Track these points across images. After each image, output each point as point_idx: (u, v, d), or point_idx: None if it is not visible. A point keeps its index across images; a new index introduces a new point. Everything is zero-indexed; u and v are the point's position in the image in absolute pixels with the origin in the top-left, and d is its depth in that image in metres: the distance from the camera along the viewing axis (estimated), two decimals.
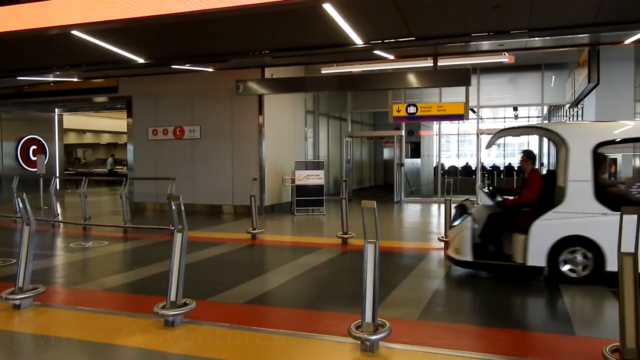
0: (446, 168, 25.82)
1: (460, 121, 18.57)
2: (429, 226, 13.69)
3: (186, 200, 15.46)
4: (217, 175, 15.62)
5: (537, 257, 6.88)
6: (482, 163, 20.74)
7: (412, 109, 16.28)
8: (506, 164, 27.51)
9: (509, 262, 7.22)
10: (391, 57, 9.29)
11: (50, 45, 8.41)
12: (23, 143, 20.56)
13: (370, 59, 9.95)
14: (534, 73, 17.19)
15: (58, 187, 20.26)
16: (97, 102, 18.66)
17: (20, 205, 6.04)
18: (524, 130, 8.02)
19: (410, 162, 21.35)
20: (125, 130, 18.57)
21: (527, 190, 7.48)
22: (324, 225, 13.49)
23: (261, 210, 15.21)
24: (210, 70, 11.49)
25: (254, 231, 10.96)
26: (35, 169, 19.76)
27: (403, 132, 18.87)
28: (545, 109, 19.41)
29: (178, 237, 5.44)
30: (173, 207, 5.44)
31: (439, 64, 10.12)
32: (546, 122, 19.76)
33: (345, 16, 6.92)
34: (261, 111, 15.26)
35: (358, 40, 7.72)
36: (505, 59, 12.70)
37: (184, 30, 7.67)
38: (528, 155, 7.79)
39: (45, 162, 20.94)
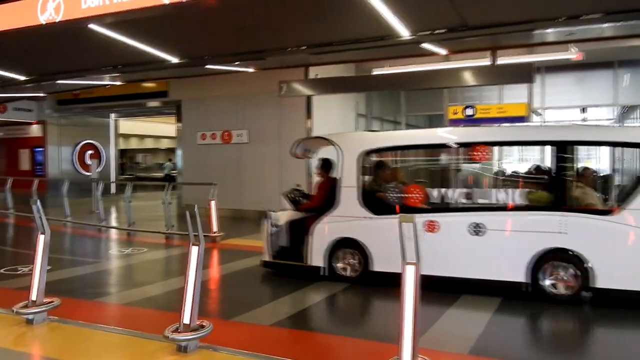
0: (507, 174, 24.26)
1: (524, 123, 17.24)
2: None
3: (234, 206, 15.04)
4: (264, 181, 15.06)
5: (317, 257, 7.38)
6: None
7: (469, 111, 15.17)
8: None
9: (299, 263, 7.61)
10: (443, 52, 8.37)
11: (83, 47, 8.13)
12: (80, 148, 20.87)
13: (420, 55, 9.07)
14: (606, 71, 15.64)
15: (113, 192, 20.49)
16: (149, 107, 18.60)
17: (36, 213, 5.59)
18: (315, 139, 8.47)
19: None
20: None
21: (313, 196, 8.11)
22: None
23: None
24: (251, 70, 10.93)
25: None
26: (91, 173, 20.07)
27: None
28: (618, 109, 17.72)
29: (193, 251, 4.81)
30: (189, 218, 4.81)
31: (498, 61, 9.11)
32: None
33: (388, 4, 6.12)
34: (309, 114, 14.62)
35: (404, 32, 6.87)
36: (573, 55, 11.42)
37: (217, 25, 7.13)
38: (323, 164, 8.25)
39: (101, 167, 21.26)
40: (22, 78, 10.21)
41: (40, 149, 20.34)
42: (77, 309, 6.33)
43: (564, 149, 6.33)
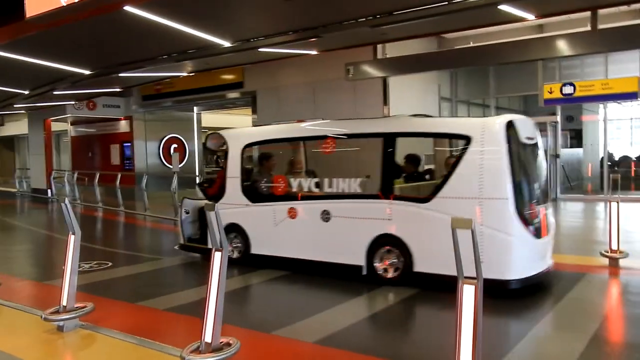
0: (616, 159, 21.69)
1: (634, 101, 15.06)
2: (590, 233, 10.91)
3: None
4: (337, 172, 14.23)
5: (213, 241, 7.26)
6: None
7: (568, 89, 13.44)
8: None
9: (204, 246, 8.25)
10: (531, 16, 7.02)
11: (134, 36, 7.76)
12: (165, 142, 21.19)
13: (505, 22, 7.76)
14: None
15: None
16: (225, 98, 18.36)
17: (66, 212, 5.16)
18: (214, 134, 8.65)
19: (569, 153, 18.07)
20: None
21: (212, 185, 8.61)
22: None
23: None
24: (314, 53, 10.08)
25: None
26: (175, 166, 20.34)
27: (558, 118, 15.83)
28: None
29: (217, 258, 4.10)
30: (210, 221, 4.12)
31: (599, 25, 7.60)
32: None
33: None
34: (386, 100, 13.58)
35: None
36: None
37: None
38: (223, 155, 8.42)
39: (185, 161, 21.51)
40: (87, 72, 10.19)
41: (128, 144, 20.90)
42: (110, 314, 5.89)
43: (390, 140, 6.71)
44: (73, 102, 18.33)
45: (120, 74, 10.59)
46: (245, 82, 16.77)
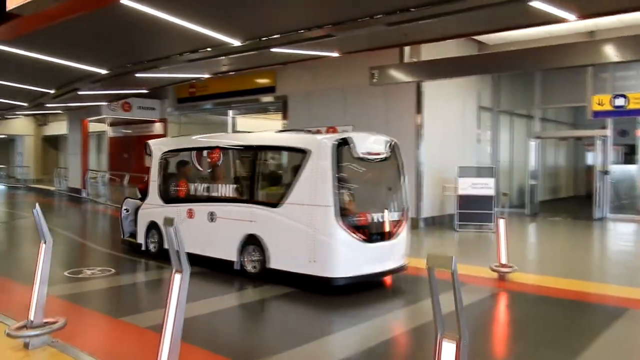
0: None
1: None
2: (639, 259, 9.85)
3: None
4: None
5: (140, 236, 9.22)
6: None
7: (619, 101, 12.39)
8: None
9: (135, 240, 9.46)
10: (572, 16, 6.19)
11: (143, 35, 7.42)
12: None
13: (544, 23, 6.96)
14: None
15: None
16: (257, 103, 17.96)
17: (37, 218, 4.77)
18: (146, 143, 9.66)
19: (620, 170, 16.76)
20: None
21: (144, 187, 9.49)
22: (485, 249, 10.55)
23: (416, 224, 12.83)
24: (336, 55, 9.49)
25: None
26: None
27: (608, 132, 14.67)
28: None
29: (176, 280, 3.58)
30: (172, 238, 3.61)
31: None
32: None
33: None
34: (419, 109, 12.85)
35: None
36: None
37: None
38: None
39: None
40: (104, 72, 9.99)
41: None
42: (85, 330, 5.45)
43: (256, 152, 7.59)
44: (106, 103, 18.38)
45: (137, 74, 10.35)
46: (277, 86, 16.38)
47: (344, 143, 6.62)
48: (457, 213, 12.60)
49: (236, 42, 7.63)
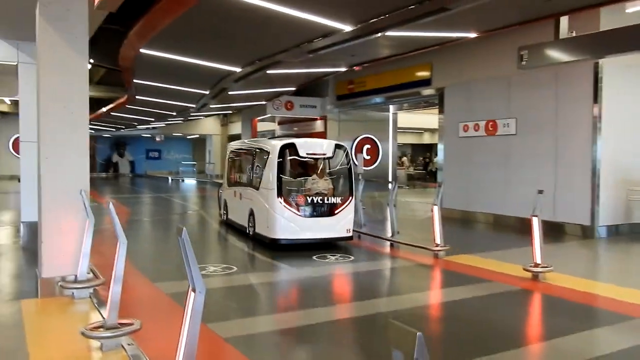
0: None
1: None
2: None
3: (495, 211, 12.37)
4: (534, 181, 11.75)
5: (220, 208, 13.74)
6: None
7: None
8: None
9: None
10: None
11: (260, 30, 7.11)
12: (358, 142, 20.68)
13: None
14: None
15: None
16: (416, 96, 16.89)
17: (113, 217, 4.65)
18: None
19: None
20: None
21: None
22: None
23: (591, 233, 10.78)
24: (472, 35, 8.15)
25: (534, 268, 7.24)
26: (367, 168, 19.69)
27: None
28: None
29: (190, 300, 3.02)
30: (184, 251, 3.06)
31: None
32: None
33: None
34: (596, 97, 10.73)
35: None
36: None
37: None
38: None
39: (377, 162, 20.74)
40: (238, 70, 10.02)
41: None
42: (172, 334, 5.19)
43: (255, 152, 10.75)
44: (265, 102, 18.98)
45: (268, 71, 10.23)
46: (434, 77, 15.23)
47: (287, 147, 9.50)
48: None
49: (347, 28, 6.92)
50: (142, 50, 8.53)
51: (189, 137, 42.66)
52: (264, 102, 19.12)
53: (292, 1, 6.07)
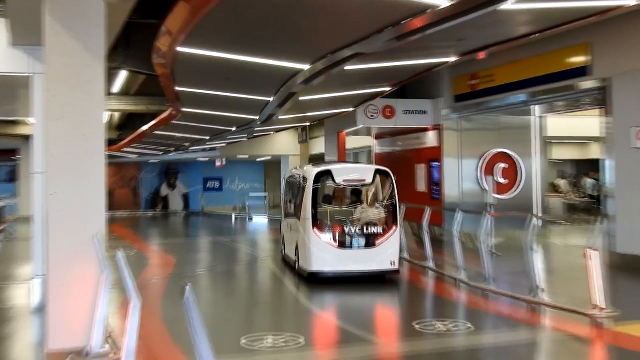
0: None
1: None
2: None
3: None
4: None
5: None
6: None
7: None
8: None
9: None
10: None
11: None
12: (488, 160, 20.15)
13: None
14: None
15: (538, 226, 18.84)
16: (574, 91, 16.22)
17: (121, 265, 4.95)
18: None
19: None
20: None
21: None
22: None
23: None
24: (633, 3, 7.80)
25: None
26: (502, 196, 19.21)
27: None
28: None
29: None
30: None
31: None
32: None
33: None
34: None
35: None
36: None
37: None
38: None
39: (519, 188, 19.99)
40: (307, 67, 10.23)
41: (437, 164, 20.63)
42: None
43: (297, 181, 14.15)
44: (354, 109, 19.19)
45: (346, 67, 10.37)
46: (595, 65, 14.69)
47: (323, 174, 12.28)
48: None
49: (444, 3, 6.85)
50: (179, 49, 8.98)
51: (258, 159, 43.56)
52: (351, 109, 19.32)
53: None
